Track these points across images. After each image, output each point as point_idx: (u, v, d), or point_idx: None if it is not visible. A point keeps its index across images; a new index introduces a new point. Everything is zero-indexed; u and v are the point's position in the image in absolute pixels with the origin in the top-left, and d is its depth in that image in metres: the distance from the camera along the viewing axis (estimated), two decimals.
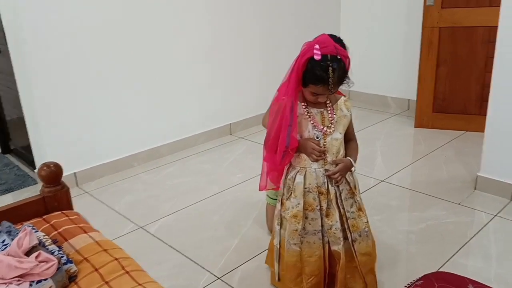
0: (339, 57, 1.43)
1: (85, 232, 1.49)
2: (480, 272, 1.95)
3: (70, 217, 1.58)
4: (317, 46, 1.42)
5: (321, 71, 1.42)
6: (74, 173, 2.98)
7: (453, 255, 2.08)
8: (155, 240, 2.34)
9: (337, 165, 1.56)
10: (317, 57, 1.41)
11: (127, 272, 1.26)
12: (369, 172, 2.93)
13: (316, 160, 1.56)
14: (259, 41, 3.81)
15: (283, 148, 1.53)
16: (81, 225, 1.54)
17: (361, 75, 4.31)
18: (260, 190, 1.77)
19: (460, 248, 2.12)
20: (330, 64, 1.41)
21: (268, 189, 1.79)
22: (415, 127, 3.69)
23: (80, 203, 2.72)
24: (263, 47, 3.85)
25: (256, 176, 2.88)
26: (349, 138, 1.66)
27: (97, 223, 2.48)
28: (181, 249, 2.23)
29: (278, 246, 1.69)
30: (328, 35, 1.97)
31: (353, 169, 1.61)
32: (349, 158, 1.60)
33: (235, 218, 2.49)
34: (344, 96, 1.65)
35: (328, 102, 1.57)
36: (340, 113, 1.58)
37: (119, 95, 3.08)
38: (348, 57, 1.47)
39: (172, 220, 2.52)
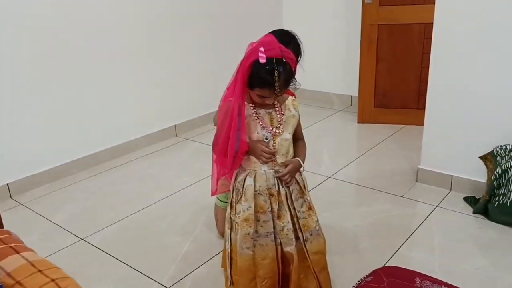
0: (284, 60, 1.40)
1: (17, 252, 1.36)
2: (425, 263, 2.01)
3: (0, 237, 1.44)
4: (262, 49, 1.39)
5: (267, 75, 1.39)
6: (7, 184, 2.77)
7: (399, 248, 2.13)
8: (98, 252, 2.22)
9: (286, 166, 1.54)
10: (262, 60, 1.38)
11: None
12: (316, 169, 2.96)
13: (266, 162, 1.53)
14: (202, 38, 3.72)
15: (233, 153, 1.49)
16: (12, 244, 1.40)
17: (304, 72, 4.36)
18: (212, 195, 1.72)
19: (405, 241, 2.18)
20: (276, 67, 1.38)
21: (220, 193, 1.74)
22: (358, 122, 3.77)
23: (14, 216, 2.53)
24: (206, 44, 3.77)
25: (204, 178, 2.82)
26: (297, 137, 1.65)
27: (34, 237, 2.34)
28: (127, 260, 2.13)
29: (229, 250, 1.65)
30: (280, 31, 1.95)
31: (301, 169, 1.60)
32: (297, 158, 1.59)
33: (184, 224, 2.42)
34: (293, 95, 1.63)
35: (276, 102, 1.54)
36: (288, 113, 1.56)
37: (52, 99, 2.89)
38: (293, 59, 1.45)
39: (116, 230, 2.40)
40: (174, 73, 3.59)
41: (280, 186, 1.55)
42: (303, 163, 1.60)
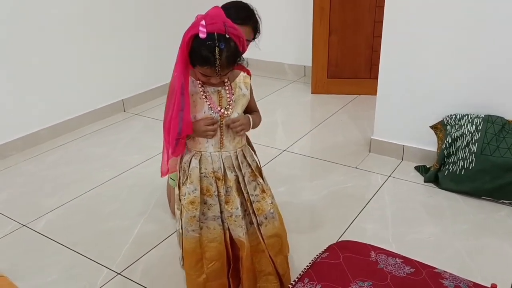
0: (227, 36, 1.28)
1: None
2: (379, 234, 2.03)
3: None
4: (203, 23, 1.26)
5: (207, 52, 1.27)
6: None
7: (353, 220, 2.14)
8: (42, 238, 2.08)
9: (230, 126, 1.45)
10: (202, 35, 1.25)
11: None
12: (270, 142, 2.91)
13: (213, 136, 1.43)
14: (149, 8, 3.51)
15: (175, 135, 1.39)
16: None
17: (260, 49, 4.26)
18: (162, 176, 1.62)
19: (359, 212, 2.19)
20: (217, 44, 1.26)
21: (172, 173, 1.64)
22: (311, 93, 3.75)
23: None
24: (154, 14, 3.56)
25: (155, 155, 2.70)
26: (251, 110, 1.56)
27: None
28: (73, 247, 2.01)
29: (181, 231, 1.58)
30: (237, 3, 1.82)
31: (251, 126, 1.50)
32: (248, 115, 1.48)
33: (134, 205, 2.31)
34: (247, 72, 1.53)
35: (226, 80, 1.43)
36: (239, 92, 1.46)
37: None
38: (240, 36, 1.33)
39: (60, 214, 2.26)
40: (119, 45, 3.38)
41: (229, 171, 1.48)
42: (252, 123, 1.50)
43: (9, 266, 1.89)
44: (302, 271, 1.39)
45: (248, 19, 1.81)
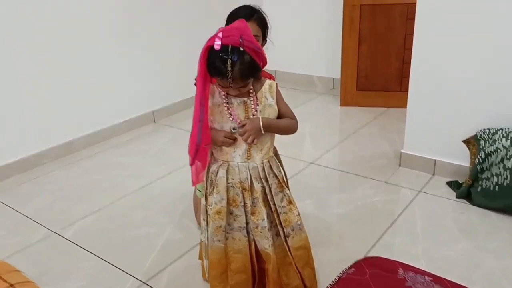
0: (242, 49, 1.28)
1: None
2: (408, 250, 1.98)
3: None
4: (220, 35, 1.29)
5: (219, 63, 1.29)
6: None
7: (382, 235, 2.09)
8: (71, 245, 2.12)
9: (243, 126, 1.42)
10: (216, 47, 1.28)
11: None
12: (298, 154, 2.89)
13: (232, 143, 1.43)
14: (181, 22, 3.58)
15: (194, 146, 1.40)
16: None
17: (286, 55, 4.28)
18: (193, 185, 1.63)
19: (388, 227, 2.14)
20: (230, 56, 1.27)
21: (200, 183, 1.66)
22: (340, 105, 3.71)
23: None
24: (186, 27, 3.63)
25: (183, 166, 2.72)
26: (283, 118, 1.52)
27: (3, 231, 2.23)
28: (101, 254, 2.04)
29: (206, 242, 1.58)
30: (242, 6, 1.81)
31: (261, 130, 1.42)
32: (258, 117, 1.42)
33: (161, 215, 2.33)
34: (271, 79, 1.53)
35: (251, 90, 1.44)
36: (265, 102, 1.45)
37: (22, 87, 2.75)
38: (256, 50, 1.32)
39: (90, 222, 2.30)
40: (152, 58, 3.46)
41: (256, 182, 1.47)
42: (262, 125, 1.41)
43: (38, 272, 1.94)
44: (328, 287, 1.36)
45: (250, 15, 1.81)
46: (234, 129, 1.42)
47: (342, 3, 3.45)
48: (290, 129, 1.53)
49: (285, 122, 1.50)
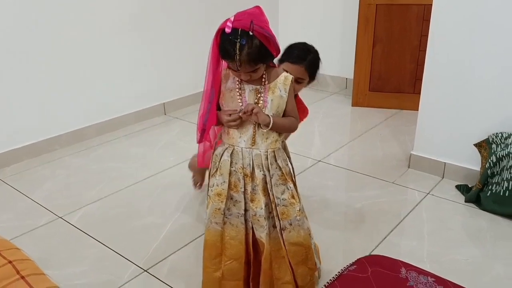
0: (251, 33, 1.28)
1: None
2: (413, 252, 1.95)
3: None
4: (231, 18, 1.30)
5: (228, 46, 1.30)
6: None
7: (387, 235, 2.07)
8: (76, 231, 2.14)
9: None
10: (227, 30, 1.29)
11: (23, 277, 1.08)
12: (306, 152, 2.88)
13: (237, 126, 1.42)
14: (194, 15, 3.59)
15: (201, 125, 1.43)
16: None
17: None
18: (198, 166, 1.65)
19: (394, 228, 2.12)
20: (239, 40, 1.27)
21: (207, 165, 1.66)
22: (352, 106, 3.68)
23: None
24: (199, 21, 3.64)
25: (191, 158, 2.73)
26: (287, 116, 1.52)
27: (10, 215, 2.26)
28: (104, 241, 2.05)
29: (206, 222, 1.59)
30: (301, 43, 1.85)
31: (270, 124, 1.41)
32: (268, 114, 1.42)
33: (167, 205, 2.34)
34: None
35: (264, 79, 1.43)
36: (276, 93, 1.44)
37: (36, 71, 2.78)
38: (265, 35, 1.31)
39: (96, 209, 2.32)
40: (165, 50, 3.47)
41: (258, 170, 1.46)
42: (272, 123, 1.40)
43: (41, 255, 1.95)
44: (328, 282, 1.35)
45: (301, 59, 1.82)
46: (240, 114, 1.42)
47: (357, 2, 3.42)
48: (290, 129, 1.54)
49: (287, 122, 1.49)
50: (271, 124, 1.41)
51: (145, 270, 1.86)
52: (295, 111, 1.52)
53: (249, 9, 1.37)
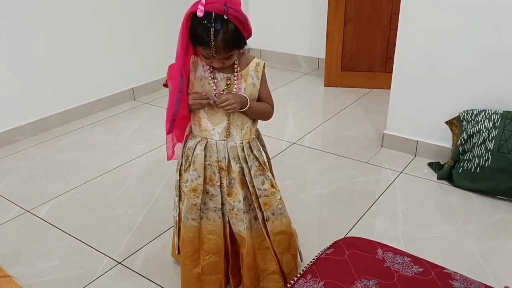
0: (226, 17, 1.20)
1: None
2: (388, 231, 1.96)
3: None
4: (203, 1, 1.20)
5: (202, 31, 1.21)
6: None
7: (362, 215, 2.07)
8: (44, 224, 2.06)
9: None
10: (199, 14, 1.20)
11: None
12: (280, 135, 2.85)
13: (207, 103, 1.34)
14: None
15: (170, 117, 1.34)
16: None
17: (271, 34, 4.20)
18: (168, 160, 1.58)
19: (369, 208, 2.13)
20: (213, 24, 1.19)
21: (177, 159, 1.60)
22: (324, 86, 3.67)
23: None
24: (167, 3, 3.51)
25: (162, 145, 2.66)
26: (261, 102, 1.48)
27: None
28: (75, 234, 1.98)
29: (177, 219, 1.53)
30: None
31: (247, 106, 1.37)
32: (244, 95, 1.37)
33: (139, 194, 2.28)
34: (257, 57, 1.46)
35: (236, 66, 1.37)
36: (249, 81, 1.39)
37: None
38: (241, 19, 1.25)
39: (65, 201, 2.24)
40: (132, 33, 3.34)
41: (234, 162, 1.42)
42: (250, 107, 1.37)
43: (10, 251, 1.88)
44: (305, 267, 1.34)
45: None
46: (214, 101, 1.36)
47: None
48: (266, 115, 1.48)
49: (263, 107, 1.44)
50: (248, 104, 1.36)
51: (119, 262, 1.81)
52: (270, 98, 1.47)
53: None
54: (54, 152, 2.72)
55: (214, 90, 1.36)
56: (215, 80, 1.35)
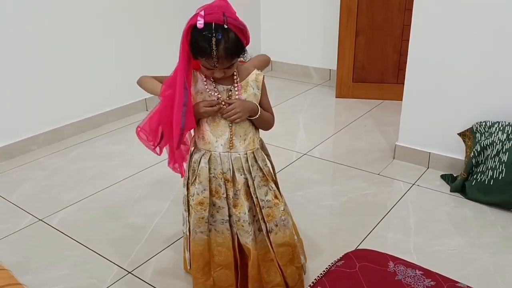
0: (226, 27, 1.22)
1: None
2: (400, 243, 1.94)
3: None
4: (202, 13, 1.22)
5: (203, 42, 1.22)
6: None
7: (374, 228, 2.05)
8: (56, 233, 2.08)
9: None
10: (199, 26, 1.21)
11: None
12: (291, 146, 2.84)
13: (217, 110, 1.35)
14: (174, 10, 3.51)
15: (178, 131, 1.34)
16: None
17: (283, 45, 4.22)
18: (182, 177, 1.58)
19: (380, 220, 2.10)
20: (214, 34, 1.20)
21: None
22: (336, 97, 3.66)
23: None
24: (179, 16, 3.56)
25: None
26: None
27: None
28: (86, 243, 1.99)
29: (188, 234, 1.53)
30: None
31: (257, 114, 1.40)
32: (252, 101, 1.38)
33: (150, 203, 2.29)
34: (257, 69, 1.47)
35: (235, 77, 1.37)
36: (250, 91, 1.39)
37: (10, 69, 2.68)
38: (242, 27, 1.26)
39: (77, 210, 2.25)
40: (145, 44, 3.39)
41: (238, 174, 1.42)
42: (259, 115, 1.39)
43: (21, 259, 1.89)
44: (316, 279, 1.33)
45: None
46: (218, 99, 1.36)
47: None
48: (270, 124, 1.49)
49: (268, 115, 1.46)
50: (259, 110, 1.37)
51: (129, 272, 1.81)
52: (271, 108, 1.49)
53: (214, 2, 1.30)
54: (67, 162, 2.75)
55: (217, 99, 1.37)
56: (216, 93, 1.36)
